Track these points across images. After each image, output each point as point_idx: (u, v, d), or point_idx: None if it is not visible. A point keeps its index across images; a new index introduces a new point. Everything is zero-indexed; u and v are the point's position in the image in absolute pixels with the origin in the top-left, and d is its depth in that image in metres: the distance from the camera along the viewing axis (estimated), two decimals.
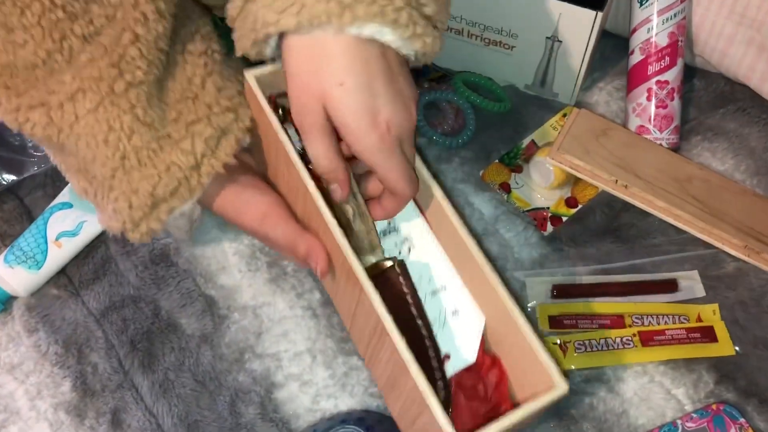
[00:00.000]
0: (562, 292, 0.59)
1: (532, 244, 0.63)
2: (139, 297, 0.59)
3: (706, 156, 0.68)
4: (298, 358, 0.56)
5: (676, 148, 0.68)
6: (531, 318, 0.59)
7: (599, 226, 0.64)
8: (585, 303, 0.59)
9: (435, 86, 0.73)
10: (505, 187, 0.66)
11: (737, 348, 0.57)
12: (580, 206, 0.65)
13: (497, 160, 0.68)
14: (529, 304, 0.59)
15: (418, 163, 0.48)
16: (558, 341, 0.57)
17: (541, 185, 0.66)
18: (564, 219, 0.65)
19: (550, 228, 0.64)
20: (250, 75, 0.48)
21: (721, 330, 0.57)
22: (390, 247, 0.50)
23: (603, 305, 0.59)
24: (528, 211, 0.65)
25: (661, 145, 0.67)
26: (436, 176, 0.49)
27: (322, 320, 0.57)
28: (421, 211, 0.50)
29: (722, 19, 0.68)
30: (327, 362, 0.56)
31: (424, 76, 0.74)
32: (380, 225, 0.51)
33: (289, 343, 0.56)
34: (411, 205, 0.50)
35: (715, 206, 0.62)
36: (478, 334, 0.47)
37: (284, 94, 0.46)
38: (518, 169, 0.67)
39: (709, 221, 0.61)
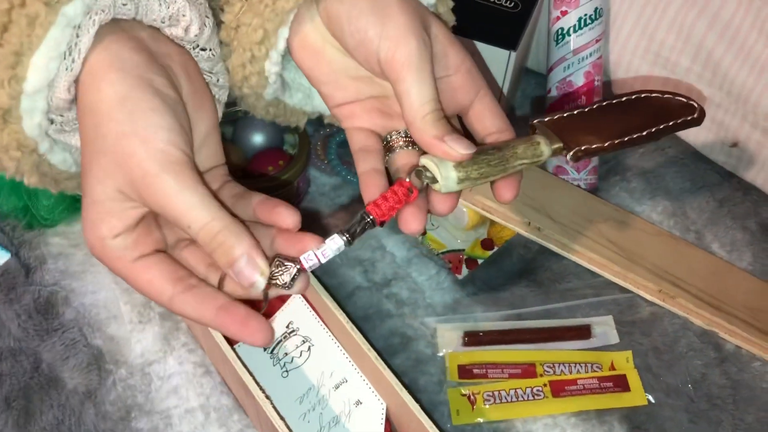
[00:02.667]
0: (473, 339, 0.57)
1: (444, 288, 0.60)
2: (19, 349, 0.54)
3: (623, 197, 0.67)
4: (190, 415, 0.52)
5: (594, 189, 0.67)
6: (441, 367, 0.56)
7: (515, 269, 0.62)
8: (496, 351, 0.57)
9: None
10: None
11: (650, 397, 0.55)
12: (496, 248, 0.63)
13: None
14: (439, 353, 0.57)
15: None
16: (466, 392, 0.54)
17: (456, 226, 0.64)
18: (480, 261, 0.63)
19: (465, 271, 0.62)
20: None
21: (633, 378, 0.55)
22: (291, 349, 0.52)
23: (514, 353, 0.57)
24: (443, 253, 0.63)
25: (578, 186, 0.66)
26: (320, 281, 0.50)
27: (216, 377, 0.54)
28: (315, 311, 0.52)
29: (638, 59, 0.67)
30: (221, 420, 0.52)
31: None
32: (279, 329, 0.52)
33: (179, 399, 0.53)
34: (306, 306, 0.52)
35: (630, 249, 0.61)
36: (382, 421, 0.49)
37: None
38: None
39: (624, 265, 0.60)
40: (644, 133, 0.45)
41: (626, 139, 0.45)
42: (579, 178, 0.66)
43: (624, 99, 0.47)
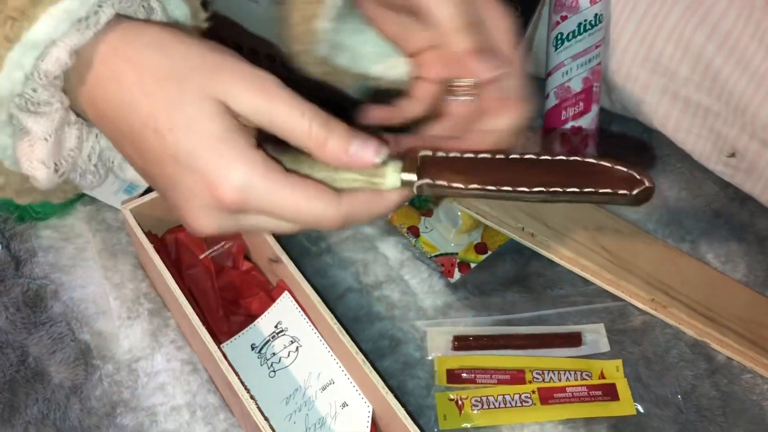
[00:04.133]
0: (462, 344, 0.57)
1: (436, 291, 0.60)
2: (6, 342, 0.54)
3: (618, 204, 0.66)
4: (176, 413, 0.52)
5: None
6: (429, 371, 0.56)
7: (507, 274, 0.62)
8: (485, 356, 0.57)
9: None
10: (414, 231, 0.64)
11: (639, 407, 0.54)
12: (489, 253, 0.63)
13: (407, 203, 0.66)
14: (428, 357, 0.57)
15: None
16: (454, 397, 0.54)
17: (449, 230, 0.63)
18: (472, 266, 0.62)
19: (457, 275, 0.62)
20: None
21: (623, 388, 0.55)
22: (279, 349, 0.52)
23: (504, 359, 0.56)
24: (436, 256, 0.63)
25: None
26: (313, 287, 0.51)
27: (203, 375, 0.53)
28: (304, 311, 0.52)
29: (637, 66, 0.67)
30: (207, 418, 0.52)
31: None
32: (268, 329, 0.53)
33: (166, 397, 0.52)
34: (295, 306, 0.52)
35: (624, 257, 0.61)
36: (368, 424, 0.49)
37: None
38: (428, 213, 0.65)
39: (616, 273, 0.59)
40: (533, 190, 0.36)
41: (503, 189, 0.36)
42: None
43: (556, 158, 0.37)
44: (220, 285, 0.56)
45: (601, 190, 0.35)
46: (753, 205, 0.67)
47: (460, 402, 0.54)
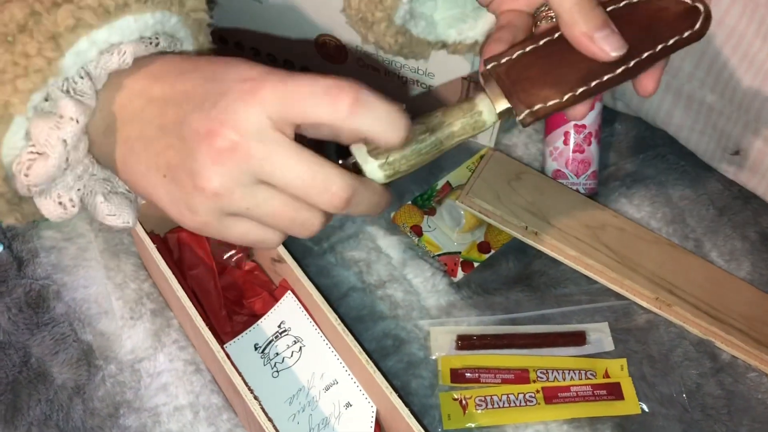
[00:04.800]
0: (466, 343, 0.57)
1: (439, 290, 0.60)
2: (8, 343, 0.54)
3: (622, 202, 0.66)
4: (179, 413, 0.52)
5: (593, 194, 0.66)
6: (433, 370, 0.56)
7: (511, 273, 0.62)
8: (489, 355, 0.56)
9: None
10: (417, 230, 0.64)
11: (643, 406, 0.54)
12: (492, 251, 0.63)
13: (410, 202, 0.65)
14: (432, 356, 0.56)
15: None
16: (458, 396, 0.54)
17: (452, 229, 0.63)
18: (475, 264, 0.62)
19: (460, 274, 0.62)
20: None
21: (627, 387, 0.55)
22: (282, 349, 0.52)
23: (508, 358, 0.56)
24: (439, 255, 0.63)
25: (577, 190, 0.65)
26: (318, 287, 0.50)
27: (206, 375, 0.53)
28: (307, 311, 0.52)
29: None
30: (210, 419, 0.52)
31: None
32: (271, 329, 0.52)
33: (168, 397, 0.52)
34: (298, 306, 0.52)
35: (627, 256, 0.60)
36: (371, 424, 0.48)
37: None
38: (431, 212, 0.65)
39: (620, 271, 0.59)
40: (618, 72, 0.36)
41: (593, 84, 0.37)
42: (578, 183, 0.65)
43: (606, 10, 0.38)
44: (223, 285, 0.56)
45: (671, 42, 0.36)
46: (757, 203, 0.66)
47: (464, 402, 0.54)
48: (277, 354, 0.52)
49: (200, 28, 0.44)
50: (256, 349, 0.52)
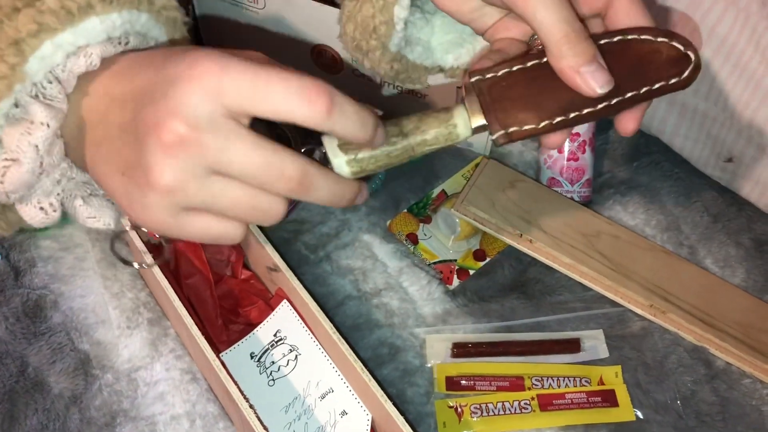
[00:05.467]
0: (461, 351, 0.57)
1: (435, 299, 0.60)
2: (6, 352, 0.54)
3: (617, 210, 0.66)
4: (176, 422, 0.52)
5: (588, 202, 0.66)
6: (429, 378, 0.56)
7: (506, 281, 0.62)
8: (484, 363, 0.57)
9: None
10: (413, 238, 0.64)
11: (638, 413, 0.54)
12: (488, 259, 0.63)
13: (406, 210, 0.66)
14: (427, 364, 0.57)
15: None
16: (453, 404, 0.54)
17: (448, 236, 0.63)
18: (471, 272, 0.62)
19: (456, 282, 0.62)
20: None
21: (622, 394, 0.55)
22: (278, 357, 0.52)
23: (503, 366, 0.57)
24: (435, 263, 0.63)
25: (572, 198, 0.65)
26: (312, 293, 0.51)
27: (203, 384, 0.53)
28: (303, 319, 0.52)
29: None
30: (207, 427, 0.52)
31: None
32: (267, 338, 0.53)
33: (165, 406, 0.52)
34: (294, 315, 0.53)
35: (622, 263, 0.61)
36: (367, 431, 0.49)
37: None
38: (427, 220, 0.65)
39: (615, 279, 0.60)
40: (599, 107, 0.36)
41: (571, 116, 0.36)
42: (572, 191, 0.66)
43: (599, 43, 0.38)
44: (219, 294, 0.56)
45: (656, 86, 0.37)
46: (751, 210, 0.67)
47: (459, 409, 0.54)
48: (273, 363, 0.52)
49: (175, 25, 0.43)
50: (252, 357, 0.52)
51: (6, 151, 0.37)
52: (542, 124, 0.37)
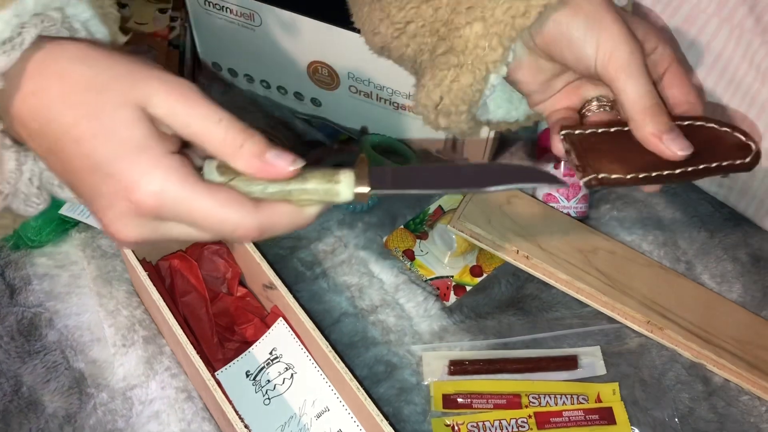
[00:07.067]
0: (458, 368, 0.57)
1: (432, 315, 0.60)
2: (0, 371, 0.54)
3: (613, 225, 0.66)
4: None
5: (584, 218, 0.66)
6: (425, 396, 0.56)
7: (503, 297, 0.62)
8: (481, 381, 0.56)
9: (344, 148, 0.71)
10: (409, 255, 0.64)
11: (636, 431, 0.54)
12: (484, 275, 0.63)
13: (402, 226, 0.66)
14: (424, 382, 0.56)
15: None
16: (450, 422, 0.54)
17: (444, 253, 0.63)
18: (468, 288, 0.62)
19: (453, 298, 0.62)
20: None
21: (619, 411, 0.55)
22: (274, 376, 0.52)
23: (500, 383, 0.56)
24: (431, 279, 0.63)
25: (568, 214, 0.65)
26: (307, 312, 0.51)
27: (198, 402, 0.53)
28: (299, 337, 0.52)
29: None
30: None
31: (333, 139, 0.72)
32: (263, 356, 0.52)
33: (160, 425, 0.52)
34: (290, 333, 0.53)
35: (619, 279, 0.61)
36: None
37: None
38: (423, 236, 0.65)
39: (612, 295, 0.59)
40: (677, 172, 0.41)
41: (653, 174, 0.41)
42: (569, 206, 0.66)
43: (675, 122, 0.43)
44: (214, 311, 0.56)
45: (725, 164, 0.41)
46: (747, 225, 0.67)
47: (456, 427, 0.54)
48: (269, 381, 0.52)
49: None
50: (247, 376, 0.52)
51: None
52: (630, 175, 0.41)
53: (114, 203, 0.35)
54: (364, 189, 0.38)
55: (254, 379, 0.52)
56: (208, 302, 0.55)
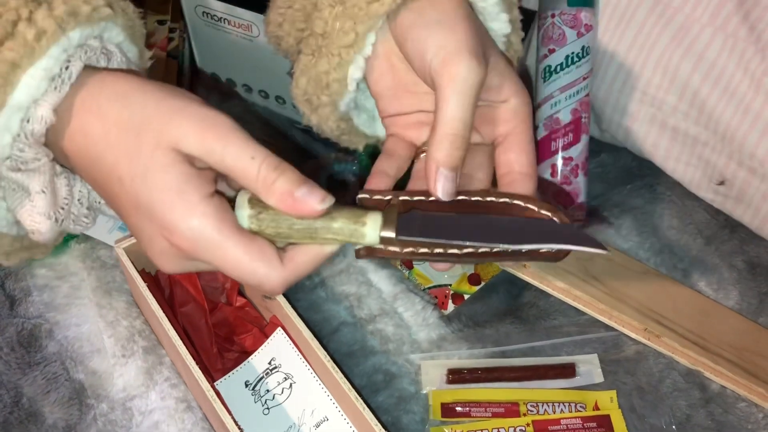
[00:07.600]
0: (456, 377, 0.57)
1: (430, 324, 0.60)
2: (0, 383, 0.54)
3: (610, 233, 0.67)
4: None
5: (581, 226, 0.67)
6: (424, 405, 0.56)
7: (501, 305, 0.62)
8: (479, 389, 0.57)
9: (342, 158, 0.71)
10: (407, 263, 0.64)
11: None
12: (482, 284, 0.63)
13: None
14: (422, 391, 0.57)
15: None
16: (449, 431, 0.54)
17: None
18: (466, 297, 0.63)
19: (451, 306, 0.62)
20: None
21: (617, 419, 0.55)
22: (273, 386, 0.52)
23: (498, 391, 0.57)
24: (429, 288, 0.63)
25: None
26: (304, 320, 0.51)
27: (198, 413, 0.53)
28: (297, 347, 0.53)
29: (625, 96, 0.68)
30: None
31: (332, 148, 0.72)
32: (262, 366, 0.53)
33: None
34: (288, 342, 0.53)
35: (616, 287, 0.61)
36: None
37: None
38: None
39: (609, 303, 0.60)
40: (463, 252, 0.39)
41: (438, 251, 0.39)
42: None
43: (480, 200, 0.42)
44: (213, 321, 0.56)
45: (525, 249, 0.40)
46: (744, 232, 0.67)
47: None
48: (268, 391, 0.52)
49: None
50: (246, 386, 0.52)
51: (26, 224, 0.40)
52: (405, 249, 0.39)
53: (154, 240, 0.37)
54: (390, 234, 0.38)
55: (253, 389, 0.52)
56: (208, 312, 0.56)
